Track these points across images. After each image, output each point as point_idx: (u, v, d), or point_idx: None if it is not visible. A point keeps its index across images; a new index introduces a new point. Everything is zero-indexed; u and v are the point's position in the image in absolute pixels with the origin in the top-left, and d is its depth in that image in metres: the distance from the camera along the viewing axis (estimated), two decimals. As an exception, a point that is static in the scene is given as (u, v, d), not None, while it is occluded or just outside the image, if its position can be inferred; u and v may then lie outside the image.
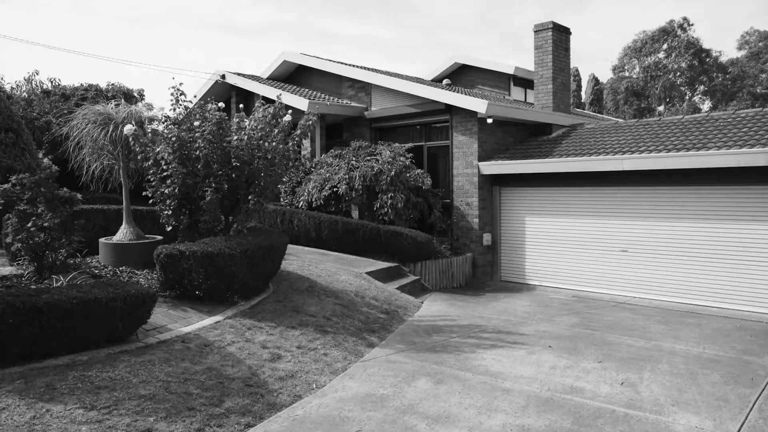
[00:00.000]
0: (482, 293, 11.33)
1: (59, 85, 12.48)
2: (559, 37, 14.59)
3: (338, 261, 10.74)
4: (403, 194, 11.82)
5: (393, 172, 11.81)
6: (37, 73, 12.26)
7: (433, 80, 19.81)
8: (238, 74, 16.33)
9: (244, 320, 6.30)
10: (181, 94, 7.21)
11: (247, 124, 7.32)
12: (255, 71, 17.18)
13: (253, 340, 5.83)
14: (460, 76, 20.06)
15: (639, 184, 10.88)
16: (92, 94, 10.47)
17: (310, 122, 7.77)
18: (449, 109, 13.09)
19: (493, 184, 13.06)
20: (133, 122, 7.18)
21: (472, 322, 8.24)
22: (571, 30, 14.97)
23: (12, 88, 11.71)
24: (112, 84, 13.41)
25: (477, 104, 12.21)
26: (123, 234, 7.54)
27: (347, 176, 11.93)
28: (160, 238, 7.92)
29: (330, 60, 15.86)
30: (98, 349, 4.95)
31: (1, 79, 11.82)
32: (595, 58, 75.42)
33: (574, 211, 11.86)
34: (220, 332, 5.83)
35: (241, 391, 4.76)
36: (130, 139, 6.90)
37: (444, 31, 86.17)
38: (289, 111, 7.73)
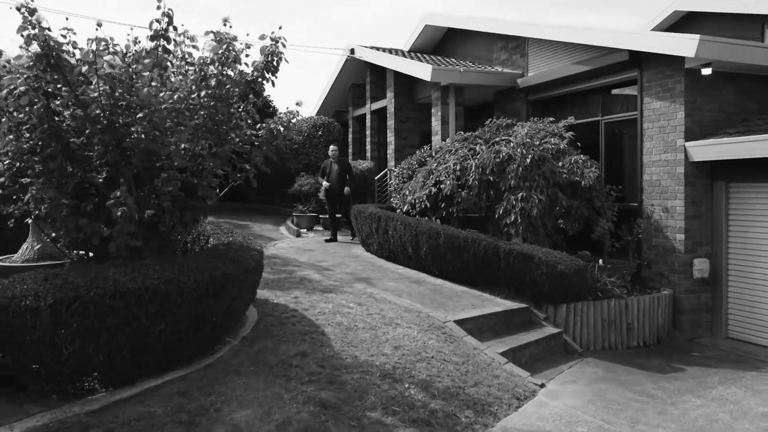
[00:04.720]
0: (680, 366, 6.49)
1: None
2: None
3: (428, 296, 7.02)
4: (542, 194, 7.51)
5: (528, 160, 7.57)
6: None
7: (640, 39, 14.35)
8: (371, 47, 13.42)
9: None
10: (31, 13, 4.11)
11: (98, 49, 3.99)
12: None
13: None
14: (684, 28, 14.21)
15: None
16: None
17: (272, 45, 4.41)
18: (637, 61, 8.30)
19: (713, 177, 7.90)
20: None
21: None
22: None
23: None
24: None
25: (681, 44, 7.28)
26: (23, 251, 5.04)
27: (458, 167, 8.05)
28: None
29: (478, 18, 11.95)
30: None
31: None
32: None
33: None
34: None
35: None
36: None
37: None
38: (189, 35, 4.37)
